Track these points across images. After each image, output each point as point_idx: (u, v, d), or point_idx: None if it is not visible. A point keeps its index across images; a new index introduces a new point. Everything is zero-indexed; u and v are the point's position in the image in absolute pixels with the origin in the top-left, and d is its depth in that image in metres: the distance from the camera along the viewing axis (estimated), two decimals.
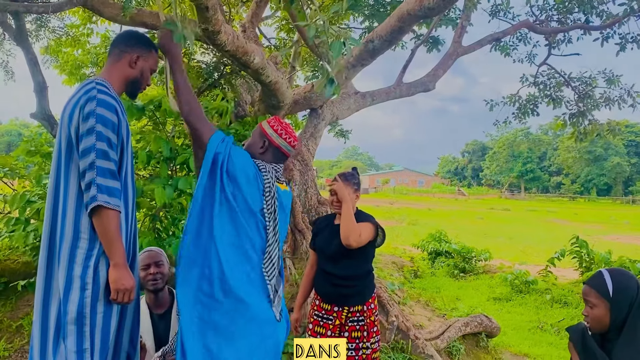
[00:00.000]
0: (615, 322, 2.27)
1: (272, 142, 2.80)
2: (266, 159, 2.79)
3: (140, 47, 2.67)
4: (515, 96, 9.69)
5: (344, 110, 7.26)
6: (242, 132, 5.45)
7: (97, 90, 2.40)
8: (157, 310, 3.24)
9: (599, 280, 2.34)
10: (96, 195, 2.26)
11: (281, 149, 2.82)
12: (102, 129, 2.33)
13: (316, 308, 3.56)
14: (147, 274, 3.19)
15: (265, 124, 2.85)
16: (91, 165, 2.29)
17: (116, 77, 2.61)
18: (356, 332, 3.47)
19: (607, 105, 9.08)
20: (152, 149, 5.08)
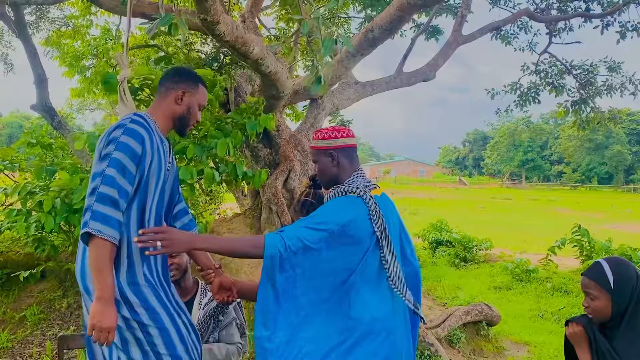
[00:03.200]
0: (616, 312, 2.28)
1: (336, 148, 2.62)
2: (346, 170, 2.63)
3: (186, 83, 2.61)
4: (517, 84, 9.68)
5: (344, 100, 7.26)
6: (240, 121, 5.43)
7: (130, 120, 2.37)
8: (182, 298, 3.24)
9: (599, 271, 2.33)
10: (88, 222, 2.17)
11: (347, 146, 2.64)
12: (120, 155, 2.26)
13: None
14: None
15: (314, 142, 2.68)
16: (93, 190, 2.23)
17: (161, 113, 2.58)
18: None
19: (609, 92, 9.08)
20: None
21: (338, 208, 2.46)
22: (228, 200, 10.81)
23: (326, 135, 2.63)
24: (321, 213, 2.45)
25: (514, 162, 73.79)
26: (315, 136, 2.67)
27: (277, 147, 6.47)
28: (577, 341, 2.42)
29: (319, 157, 2.65)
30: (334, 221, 2.37)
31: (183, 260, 3.20)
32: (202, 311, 3.18)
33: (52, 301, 6.24)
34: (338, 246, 2.38)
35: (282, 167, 6.22)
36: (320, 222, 2.37)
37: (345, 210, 2.43)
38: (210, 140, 5.05)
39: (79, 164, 5.47)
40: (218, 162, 5.49)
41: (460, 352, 6.01)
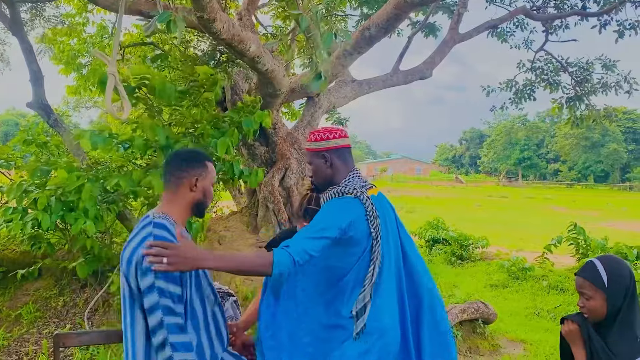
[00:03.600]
0: (613, 311, 2.28)
1: (328, 149, 2.62)
2: (341, 171, 2.63)
3: (195, 168, 2.54)
4: (512, 81, 9.70)
5: (340, 98, 7.26)
6: (237, 120, 5.43)
7: (154, 236, 2.31)
8: None
9: (593, 271, 2.34)
10: (172, 356, 2.24)
11: (339, 147, 2.64)
12: (163, 284, 2.27)
13: None
14: None
15: (308, 144, 2.68)
16: (160, 323, 2.25)
17: (179, 205, 2.52)
18: None
19: (604, 90, 9.10)
20: (148, 137, 5.07)
21: (337, 211, 2.46)
22: (224, 199, 10.82)
23: (318, 137, 2.64)
24: (321, 219, 2.45)
25: (510, 160, 73.90)
26: (309, 138, 2.67)
27: (273, 145, 6.46)
28: (573, 339, 2.42)
29: (312, 159, 2.65)
30: (335, 226, 2.38)
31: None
32: None
33: (49, 299, 6.23)
34: (338, 247, 2.40)
35: (279, 165, 6.21)
36: (322, 229, 2.37)
37: (344, 213, 2.44)
38: (208, 140, 5.05)
39: (75, 162, 5.46)
40: (215, 161, 5.50)
41: (457, 350, 6.01)
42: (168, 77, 6.04)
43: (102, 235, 6.05)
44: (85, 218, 4.64)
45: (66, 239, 5.70)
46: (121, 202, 5.35)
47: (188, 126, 5.32)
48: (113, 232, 6.41)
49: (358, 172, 2.65)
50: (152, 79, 4.72)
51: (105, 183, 4.84)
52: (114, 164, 6.14)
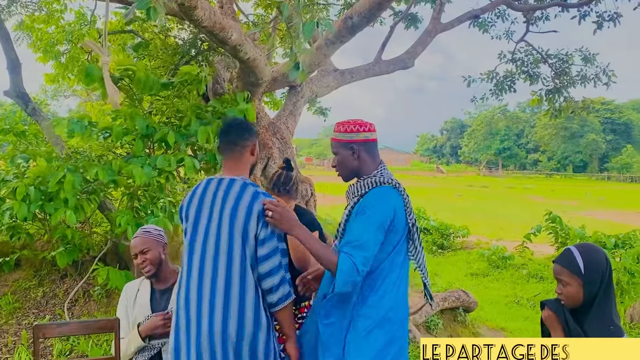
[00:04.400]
0: (588, 297, 2.32)
1: (357, 142, 2.65)
2: (367, 163, 2.67)
3: (253, 134, 2.80)
4: (493, 73, 9.75)
5: (323, 88, 7.24)
6: (220, 110, 5.41)
7: (262, 194, 2.61)
8: (160, 285, 3.24)
9: (570, 258, 2.38)
10: (291, 291, 2.56)
11: (368, 140, 2.67)
12: (279, 232, 2.58)
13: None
14: (138, 264, 3.17)
15: (336, 134, 2.71)
16: (279, 265, 2.54)
17: (244, 170, 2.75)
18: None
19: (583, 82, 9.19)
20: (128, 125, 5.02)
21: (384, 201, 2.54)
22: None
23: (348, 128, 2.66)
24: (372, 211, 2.51)
25: (490, 151, 74.47)
26: (337, 128, 2.70)
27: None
28: (551, 325, 2.47)
29: (339, 149, 2.69)
30: (385, 217, 2.50)
31: (155, 255, 3.18)
32: None
33: (28, 290, 6.16)
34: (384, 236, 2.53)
35: (261, 154, 6.19)
36: (377, 223, 2.48)
37: (389, 202, 2.54)
38: (191, 129, 5.02)
39: (54, 152, 5.39)
40: (197, 151, 5.47)
41: (437, 338, 6.08)
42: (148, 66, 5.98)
43: (81, 225, 5.99)
44: (65, 208, 4.58)
45: (45, 229, 5.63)
46: (101, 191, 5.30)
47: (170, 115, 5.28)
48: (93, 222, 6.35)
49: (385, 166, 2.71)
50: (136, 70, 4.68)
51: (85, 173, 4.80)
52: (94, 153, 6.08)
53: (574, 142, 66.75)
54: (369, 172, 2.66)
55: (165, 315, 3.03)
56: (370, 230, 2.46)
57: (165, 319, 3.00)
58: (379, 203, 2.53)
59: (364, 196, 2.60)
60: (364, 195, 2.61)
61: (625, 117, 68.47)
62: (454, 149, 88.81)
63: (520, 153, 75.06)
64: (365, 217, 2.50)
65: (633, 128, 68.71)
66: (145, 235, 3.20)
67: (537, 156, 72.92)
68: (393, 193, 2.58)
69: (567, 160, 68.73)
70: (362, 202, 2.58)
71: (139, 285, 3.28)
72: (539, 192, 37.10)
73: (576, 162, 68.22)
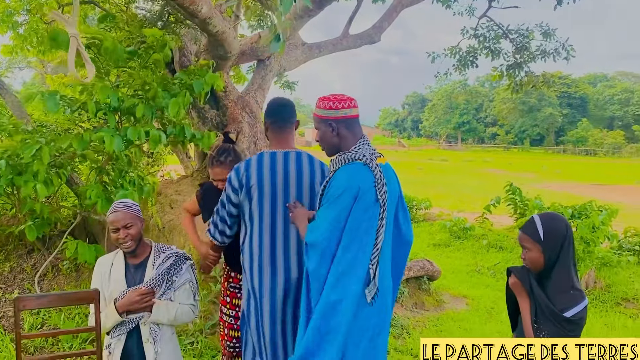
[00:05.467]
0: (549, 261, 2.50)
1: (336, 118, 2.69)
2: (348, 139, 2.71)
3: (295, 112, 3.21)
4: (456, 48, 9.90)
5: (291, 62, 7.27)
6: (187, 82, 5.37)
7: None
8: (134, 260, 3.24)
9: (532, 226, 2.56)
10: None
11: (348, 117, 2.70)
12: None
13: (232, 280, 3.54)
14: (118, 238, 3.15)
15: (317, 109, 2.75)
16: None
17: (293, 142, 3.17)
18: None
19: (543, 57, 9.42)
20: (98, 98, 4.97)
21: (347, 179, 2.57)
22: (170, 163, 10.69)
23: (328, 105, 2.69)
24: (335, 188, 2.57)
25: (450, 125, 75.27)
26: (318, 104, 2.73)
27: (224, 109, 6.43)
28: (517, 290, 2.63)
29: (319, 125, 2.74)
30: (348, 194, 2.53)
31: (137, 231, 3.18)
32: (155, 271, 3.18)
33: None
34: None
35: (230, 128, 6.20)
36: (336, 197, 2.55)
37: (354, 180, 2.55)
38: (159, 101, 5.00)
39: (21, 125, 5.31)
40: (166, 124, 5.45)
41: (403, 305, 6.29)
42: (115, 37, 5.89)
43: (48, 199, 5.93)
44: (35, 181, 4.55)
45: (13, 203, 5.56)
46: (69, 165, 5.26)
47: (137, 88, 5.24)
48: (59, 196, 6.30)
49: (367, 141, 2.73)
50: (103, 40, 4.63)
51: (56, 145, 4.75)
52: (60, 127, 6.00)
53: (531, 116, 68.02)
54: (347, 148, 2.69)
55: (141, 291, 3.06)
56: (324, 209, 2.60)
57: (142, 295, 3.04)
58: (347, 179, 2.56)
59: (334, 172, 2.66)
60: (335, 171, 2.66)
61: (581, 91, 70.06)
62: (415, 123, 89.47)
63: (479, 127, 76.11)
64: (328, 206, 2.58)
65: (588, 102, 70.40)
66: (127, 211, 3.17)
67: (496, 130, 74.09)
68: (362, 170, 2.58)
69: (524, 134, 70.07)
70: (330, 179, 2.65)
71: (112, 259, 3.26)
72: (497, 165, 37.89)
73: (533, 136, 69.62)
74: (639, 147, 60.15)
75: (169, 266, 3.19)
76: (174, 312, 3.16)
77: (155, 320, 3.10)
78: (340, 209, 2.52)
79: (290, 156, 3.04)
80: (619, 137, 63.79)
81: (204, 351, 4.57)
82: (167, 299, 3.19)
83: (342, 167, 2.64)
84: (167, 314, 3.14)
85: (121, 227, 3.10)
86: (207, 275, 5.18)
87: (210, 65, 5.61)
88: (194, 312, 3.32)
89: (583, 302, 2.45)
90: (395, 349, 4.97)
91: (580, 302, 2.44)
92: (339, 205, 2.52)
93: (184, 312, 3.23)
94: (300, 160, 3.04)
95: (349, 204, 2.51)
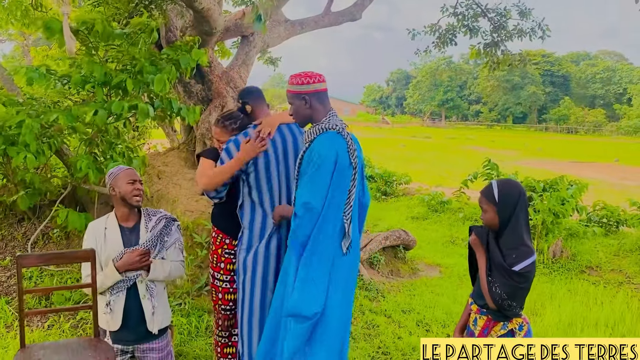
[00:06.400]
0: (502, 221, 2.80)
1: (308, 92, 3.00)
2: (319, 111, 3.02)
3: None
4: (436, 26, 10.13)
5: (274, 38, 7.47)
6: (174, 57, 5.57)
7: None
8: (127, 224, 3.51)
9: (488, 189, 2.87)
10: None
11: (318, 91, 3.02)
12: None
13: (226, 247, 3.72)
14: (134, 189, 3.43)
15: (290, 86, 3.06)
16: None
17: None
18: None
19: (519, 36, 9.70)
20: (85, 73, 5.17)
21: (327, 146, 2.91)
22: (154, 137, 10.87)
23: (300, 80, 3.00)
24: (317, 156, 2.90)
25: (434, 102, 75.31)
26: (291, 81, 3.04)
27: (209, 84, 6.64)
28: (475, 245, 2.94)
29: (293, 100, 3.05)
30: (328, 159, 2.88)
31: (142, 190, 3.50)
32: (150, 234, 3.47)
33: None
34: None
35: (215, 102, 6.42)
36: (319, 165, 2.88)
37: (333, 146, 2.91)
38: (147, 76, 5.21)
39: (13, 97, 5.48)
40: (153, 98, 5.65)
41: (379, 272, 6.62)
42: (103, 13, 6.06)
43: (38, 170, 6.13)
44: (27, 152, 4.76)
45: (4, 173, 5.76)
46: (59, 137, 5.46)
47: (125, 63, 5.43)
48: (49, 167, 6.49)
49: (335, 113, 3.07)
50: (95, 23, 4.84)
51: (44, 118, 4.96)
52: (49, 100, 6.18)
53: (514, 94, 68.42)
54: (319, 119, 3.02)
55: (140, 251, 3.34)
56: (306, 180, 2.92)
57: (141, 255, 3.32)
58: (325, 148, 2.91)
59: (312, 142, 2.98)
60: (312, 141, 2.98)
61: (564, 69, 70.54)
62: (399, 100, 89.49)
63: (463, 104, 76.39)
64: (315, 172, 2.89)
65: (571, 80, 70.97)
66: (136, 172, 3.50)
67: (479, 107, 74.47)
68: (336, 138, 2.95)
69: (507, 112, 70.50)
70: (310, 148, 2.96)
71: (104, 223, 3.52)
72: (479, 143, 38.28)
73: (516, 114, 70.09)
74: (619, 126, 60.92)
75: (162, 228, 3.48)
76: (168, 269, 3.47)
77: (153, 278, 3.40)
78: (325, 173, 2.87)
79: (284, 129, 3.41)
80: (600, 116, 64.54)
81: (191, 311, 4.89)
82: (161, 257, 3.49)
83: (317, 136, 2.97)
84: (162, 271, 3.44)
85: (137, 180, 3.41)
86: (194, 242, 5.47)
87: (196, 41, 5.81)
88: (183, 268, 3.63)
89: (531, 257, 2.74)
90: (370, 310, 5.31)
91: (529, 258, 2.73)
92: (323, 171, 2.87)
93: (175, 268, 3.55)
94: (293, 132, 3.42)
95: (331, 169, 2.88)
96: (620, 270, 7.40)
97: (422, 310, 5.47)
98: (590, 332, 4.97)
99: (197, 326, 4.70)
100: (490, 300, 2.72)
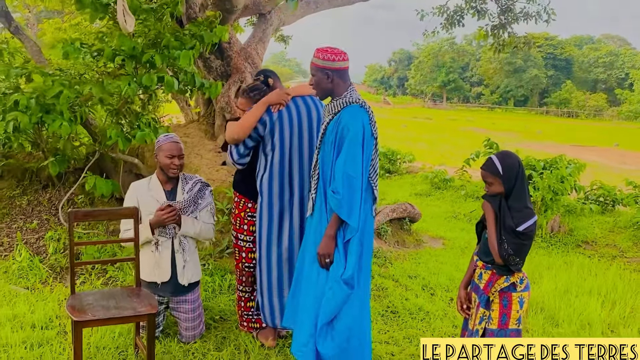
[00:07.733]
0: (508, 190, 3.12)
1: (332, 69, 3.24)
2: (340, 86, 3.29)
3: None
4: (444, 7, 10.38)
5: (290, 17, 7.73)
6: (197, 33, 5.84)
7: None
8: (167, 186, 3.89)
9: (491, 163, 3.15)
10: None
11: (342, 69, 3.27)
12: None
13: (249, 210, 4.01)
14: (172, 163, 3.80)
15: (315, 59, 3.29)
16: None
17: None
18: None
19: (525, 19, 9.96)
20: (115, 46, 5.46)
21: (356, 118, 3.23)
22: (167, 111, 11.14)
23: (326, 56, 3.27)
24: (346, 130, 3.21)
25: (436, 83, 75.04)
26: (317, 55, 3.30)
27: (228, 60, 6.93)
28: (487, 209, 3.25)
29: (317, 72, 3.31)
30: (358, 132, 3.19)
31: (183, 162, 3.91)
32: (186, 195, 3.85)
33: (12, 198, 6.61)
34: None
35: (234, 78, 6.72)
36: (353, 137, 3.19)
37: (358, 118, 3.24)
38: (173, 52, 5.50)
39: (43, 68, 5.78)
40: (177, 72, 5.95)
41: (386, 242, 6.98)
42: None
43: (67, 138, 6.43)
44: (62, 119, 5.08)
45: (38, 140, 6.06)
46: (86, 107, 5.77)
47: (152, 38, 5.72)
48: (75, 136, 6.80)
49: (354, 88, 3.37)
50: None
51: (78, 89, 5.27)
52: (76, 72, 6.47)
53: (516, 76, 68.29)
54: (340, 94, 3.31)
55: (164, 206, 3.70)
56: (345, 154, 3.19)
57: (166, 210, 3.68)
58: (353, 121, 3.21)
59: (337, 114, 3.29)
60: (337, 113, 3.30)
61: (566, 53, 70.32)
62: (401, 81, 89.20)
63: (465, 86, 76.21)
64: (350, 144, 3.19)
65: (573, 64, 70.81)
66: (181, 144, 3.85)
67: (481, 89, 74.32)
68: (361, 111, 3.26)
69: (509, 94, 70.38)
70: (338, 120, 3.27)
71: (147, 184, 3.92)
72: (480, 125, 38.48)
73: (518, 97, 70.02)
74: (620, 111, 61.00)
75: (197, 191, 3.87)
76: (198, 227, 3.85)
77: (184, 232, 3.78)
78: (358, 145, 3.20)
79: (299, 100, 3.76)
80: (601, 100, 64.57)
81: (214, 271, 5.28)
82: (194, 217, 3.87)
83: (343, 109, 3.28)
84: (192, 227, 3.82)
85: (177, 155, 3.77)
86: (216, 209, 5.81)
87: (218, 16, 6.08)
88: (213, 231, 4.01)
89: (533, 218, 3.07)
90: (379, 275, 5.69)
91: (531, 218, 3.06)
92: (356, 143, 3.19)
93: (206, 229, 3.93)
94: (308, 103, 3.80)
95: (361, 140, 3.21)
96: (615, 245, 7.77)
97: (427, 276, 5.84)
98: (584, 299, 5.34)
99: (220, 284, 5.09)
100: (498, 256, 3.05)
